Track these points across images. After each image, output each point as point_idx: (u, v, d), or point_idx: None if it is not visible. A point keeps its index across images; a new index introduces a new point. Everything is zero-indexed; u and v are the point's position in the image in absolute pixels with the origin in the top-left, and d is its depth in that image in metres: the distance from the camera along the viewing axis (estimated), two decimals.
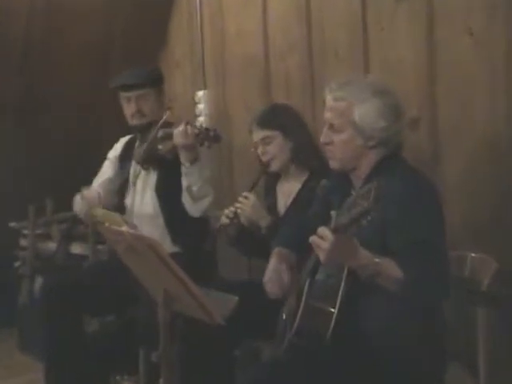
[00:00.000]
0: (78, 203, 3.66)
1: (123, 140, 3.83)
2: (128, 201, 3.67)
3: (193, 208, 3.46)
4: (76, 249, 4.47)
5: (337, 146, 2.58)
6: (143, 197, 3.62)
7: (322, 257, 2.27)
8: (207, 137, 3.28)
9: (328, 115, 2.60)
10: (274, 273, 2.73)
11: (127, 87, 3.57)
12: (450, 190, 3.05)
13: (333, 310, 2.41)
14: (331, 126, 2.59)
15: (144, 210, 3.61)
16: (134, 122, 3.62)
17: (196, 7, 4.58)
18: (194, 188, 3.39)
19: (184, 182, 3.41)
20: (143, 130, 3.59)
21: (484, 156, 3.04)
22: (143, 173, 3.62)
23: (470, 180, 3.09)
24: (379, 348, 2.42)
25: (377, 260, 2.32)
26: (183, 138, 3.30)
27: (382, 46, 3.41)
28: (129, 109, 3.60)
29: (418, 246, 2.35)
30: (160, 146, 3.48)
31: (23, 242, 4.67)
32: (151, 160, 3.55)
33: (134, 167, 3.65)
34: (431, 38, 3.17)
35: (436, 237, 2.41)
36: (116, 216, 3.13)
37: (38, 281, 4.44)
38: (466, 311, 2.77)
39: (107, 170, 3.78)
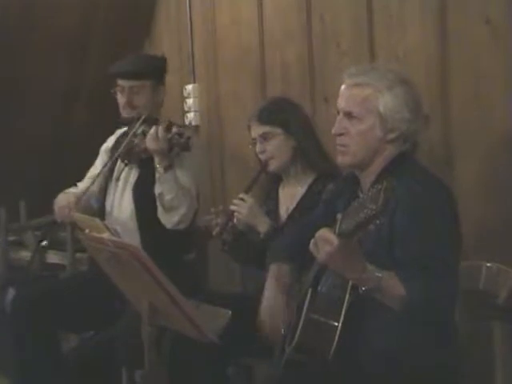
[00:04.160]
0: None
1: (118, 132, 3.81)
2: (108, 200, 3.64)
3: (163, 218, 3.46)
4: (52, 258, 4.44)
5: (352, 137, 2.53)
6: (123, 195, 3.61)
7: (320, 258, 2.26)
8: (177, 143, 3.29)
9: (344, 103, 2.55)
10: (268, 313, 2.69)
11: (122, 74, 3.57)
12: (463, 195, 3.03)
13: (336, 324, 2.39)
14: (348, 114, 2.54)
15: (121, 212, 3.59)
16: (124, 113, 3.63)
17: None
18: (167, 197, 3.39)
19: (157, 189, 3.41)
20: (130, 123, 3.59)
21: (502, 157, 3.02)
22: (126, 168, 3.61)
23: (486, 183, 3.07)
24: (387, 366, 2.40)
25: (379, 275, 2.31)
26: (153, 143, 3.32)
27: (390, 36, 3.39)
28: (121, 99, 3.61)
29: (425, 260, 2.34)
30: (137, 143, 3.50)
31: None
32: (129, 155, 3.56)
33: (119, 161, 3.64)
34: (443, 26, 3.15)
35: (447, 251, 2.39)
36: (97, 221, 3.10)
37: (10, 293, 4.40)
38: (481, 327, 2.76)
39: (99, 164, 3.76)
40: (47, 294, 3.49)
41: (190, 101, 4.56)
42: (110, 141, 3.81)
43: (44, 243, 4.19)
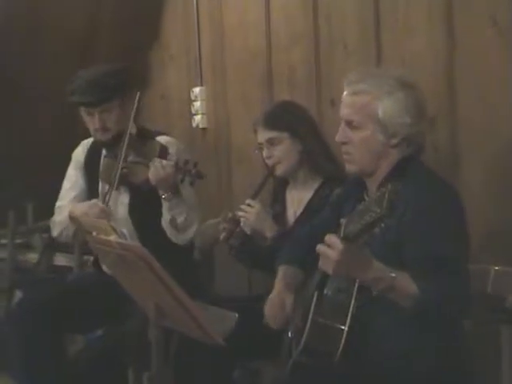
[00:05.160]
0: (61, 224, 3.60)
1: (85, 144, 3.73)
2: None
3: (177, 238, 3.43)
4: (60, 260, 4.43)
5: (355, 145, 2.54)
6: (115, 217, 3.53)
7: (329, 268, 2.24)
8: (188, 173, 3.22)
9: (345, 111, 2.55)
10: (277, 303, 2.70)
11: (87, 105, 3.45)
12: (471, 196, 3.01)
13: (343, 327, 2.38)
14: (349, 123, 2.54)
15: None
16: (97, 136, 3.53)
17: None
18: (180, 219, 3.36)
19: (166, 216, 3.37)
20: (109, 144, 3.51)
21: (509, 158, 3.00)
22: (113, 191, 3.50)
23: (494, 185, 3.06)
24: (392, 370, 2.40)
25: (392, 274, 2.29)
26: (162, 180, 3.23)
27: (396, 38, 3.38)
28: (91, 124, 3.49)
29: (436, 261, 2.32)
30: (133, 174, 3.40)
31: (1, 253, 4.63)
32: (124, 184, 3.47)
33: (101, 183, 3.57)
34: (450, 28, 3.14)
35: (458, 252, 2.38)
36: (104, 223, 3.09)
37: (17, 295, 4.40)
38: (489, 330, 2.75)
39: (78, 180, 3.68)
40: (54, 296, 3.47)
41: (197, 103, 4.55)
42: (79, 154, 3.71)
43: None
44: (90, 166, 3.64)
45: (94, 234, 2.80)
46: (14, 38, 4.39)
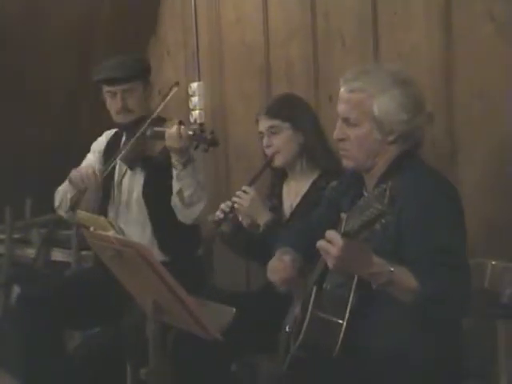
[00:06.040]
0: (63, 192, 3.60)
1: (108, 134, 3.78)
2: (112, 205, 3.62)
3: (183, 214, 3.44)
4: (57, 255, 4.43)
5: (352, 142, 2.55)
6: (129, 199, 3.59)
7: (330, 264, 2.24)
8: (204, 139, 3.26)
9: (342, 108, 2.57)
10: (277, 267, 2.69)
11: (112, 81, 3.51)
12: (468, 191, 3.02)
13: (341, 321, 2.39)
14: (346, 120, 2.55)
15: (130, 215, 3.57)
16: (119, 119, 3.58)
17: None
18: (187, 193, 3.37)
19: (175, 186, 3.38)
20: (130, 127, 3.55)
21: (506, 153, 3.01)
22: (129, 172, 3.58)
23: (491, 180, 3.06)
24: (390, 365, 2.39)
25: (391, 269, 2.29)
26: (176, 141, 3.26)
27: (394, 33, 3.38)
28: (113, 104, 3.55)
29: (437, 254, 2.32)
30: (149, 146, 3.45)
31: None
32: (138, 160, 3.52)
33: (119, 166, 3.61)
34: (448, 23, 3.14)
35: (457, 245, 2.38)
36: (101, 220, 3.09)
37: (15, 291, 4.40)
38: (486, 325, 2.75)
39: (94, 161, 3.70)
40: (52, 292, 3.47)
41: (195, 99, 4.56)
42: (101, 142, 3.75)
43: None
44: (110, 150, 3.66)
45: (92, 229, 2.81)
46: (13, 37, 4.39)
